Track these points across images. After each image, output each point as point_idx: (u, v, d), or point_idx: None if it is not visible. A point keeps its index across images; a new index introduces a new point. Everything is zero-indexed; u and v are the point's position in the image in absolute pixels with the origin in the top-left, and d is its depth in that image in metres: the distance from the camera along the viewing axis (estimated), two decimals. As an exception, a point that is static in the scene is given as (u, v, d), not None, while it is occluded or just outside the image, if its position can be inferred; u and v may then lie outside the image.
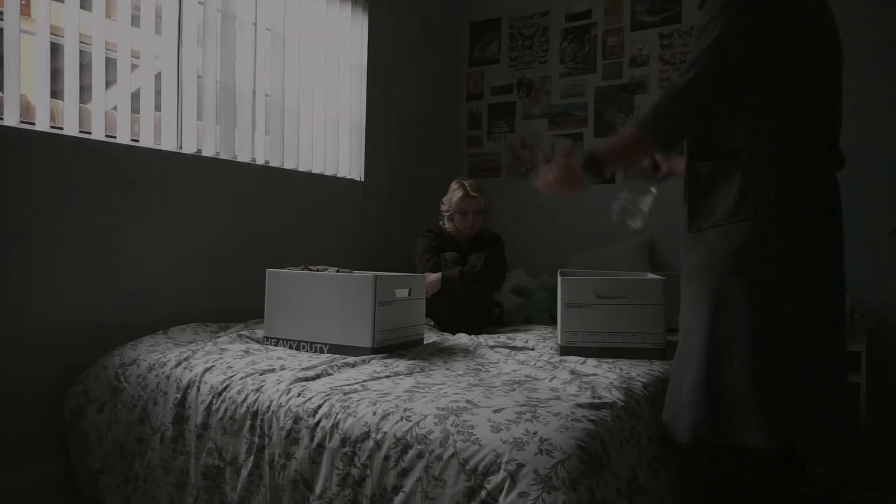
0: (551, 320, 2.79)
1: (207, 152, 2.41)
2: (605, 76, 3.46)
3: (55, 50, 1.96)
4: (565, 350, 1.99)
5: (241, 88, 2.52)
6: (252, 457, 1.48)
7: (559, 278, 2.06)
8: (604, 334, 1.98)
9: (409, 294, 2.06)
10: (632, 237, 3.30)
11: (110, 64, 2.10)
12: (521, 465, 1.12)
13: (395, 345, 1.98)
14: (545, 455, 1.13)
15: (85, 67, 2.04)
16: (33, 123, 1.91)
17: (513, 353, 2.03)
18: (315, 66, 2.86)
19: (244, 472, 1.48)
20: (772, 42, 1.32)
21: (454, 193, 2.72)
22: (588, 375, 1.69)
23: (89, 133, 2.05)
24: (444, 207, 2.77)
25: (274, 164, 2.69)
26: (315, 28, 2.85)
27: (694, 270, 1.44)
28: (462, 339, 2.28)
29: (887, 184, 2.78)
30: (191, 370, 1.72)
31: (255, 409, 1.51)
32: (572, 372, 1.73)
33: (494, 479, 1.13)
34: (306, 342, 1.98)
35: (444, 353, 1.99)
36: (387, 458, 1.26)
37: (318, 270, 2.07)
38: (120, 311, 2.11)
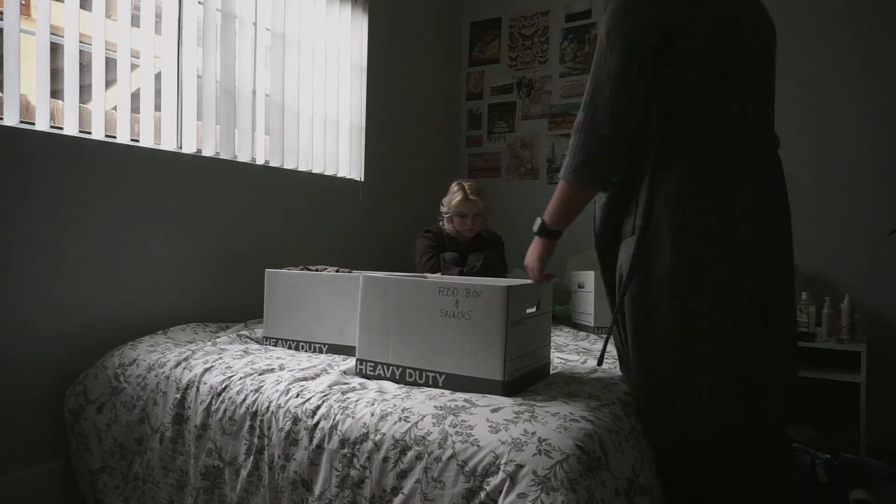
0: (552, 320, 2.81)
1: (207, 152, 2.41)
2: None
3: (55, 50, 1.96)
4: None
5: (241, 88, 2.52)
6: (251, 457, 1.48)
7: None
8: None
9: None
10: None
11: (110, 64, 2.10)
12: (519, 466, 1.12)
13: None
14: (544, 455, 1.13)
15: (85, 67, 2.04)
16: (33, 123, 1.91)
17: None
18: (315, 66, 2.86)
19: (243, 473, 1.49)
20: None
21: (453, 196, 2.72)
22: (588, 375, 1.69)
23: (89, 133, 2.05)
24: (443, 209, 2.77)
25: (274, 164, 2.69)
26: (315, 28, 2.85)
27: None
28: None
29: (887, 184, 2.78)
30: (190, 370, 1.72)
31: (254, 409, 1.51)
32: (572, 371, 1.73)
33: (493, 481, 1.13)
34: (305, 342, 1.98)
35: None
36: (385, 459, 1.26)
37: (317, 270, 2.07)
38: (120, 311, 2.11)
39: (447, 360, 1.48)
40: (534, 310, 1.56)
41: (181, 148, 2.34)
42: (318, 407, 1.41)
